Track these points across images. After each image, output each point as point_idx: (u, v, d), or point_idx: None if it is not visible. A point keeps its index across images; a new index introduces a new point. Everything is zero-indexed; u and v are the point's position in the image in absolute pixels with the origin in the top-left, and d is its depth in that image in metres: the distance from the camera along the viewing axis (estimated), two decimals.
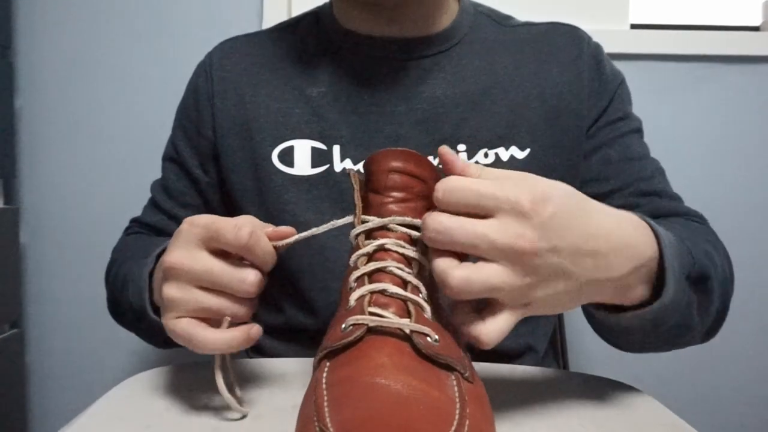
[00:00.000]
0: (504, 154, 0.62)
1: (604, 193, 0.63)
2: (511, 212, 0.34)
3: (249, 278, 0.40)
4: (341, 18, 0.67)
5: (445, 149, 0.38)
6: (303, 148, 0.64)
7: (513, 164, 0.62)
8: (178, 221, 0.64)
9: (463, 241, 0.35)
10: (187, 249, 0.41)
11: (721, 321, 0.53)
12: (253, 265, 0.41)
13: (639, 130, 0.68)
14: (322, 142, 0.64)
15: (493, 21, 0.69)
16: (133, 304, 0.53)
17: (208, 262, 0.40)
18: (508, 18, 0.71)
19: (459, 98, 0.63)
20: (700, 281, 0.47)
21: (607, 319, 0.45)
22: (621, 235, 0.39)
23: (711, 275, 0.49)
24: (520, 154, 0.62)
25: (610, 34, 1.07)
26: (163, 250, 0.49)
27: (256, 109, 0.65)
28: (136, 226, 0.71)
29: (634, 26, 1.14)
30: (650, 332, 0.46)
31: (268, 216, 0.63)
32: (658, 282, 0.43)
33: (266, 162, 0.64)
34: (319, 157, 0.63)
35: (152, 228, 0.70)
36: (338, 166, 0.63)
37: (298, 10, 1.11)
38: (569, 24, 0.69)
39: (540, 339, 0.69)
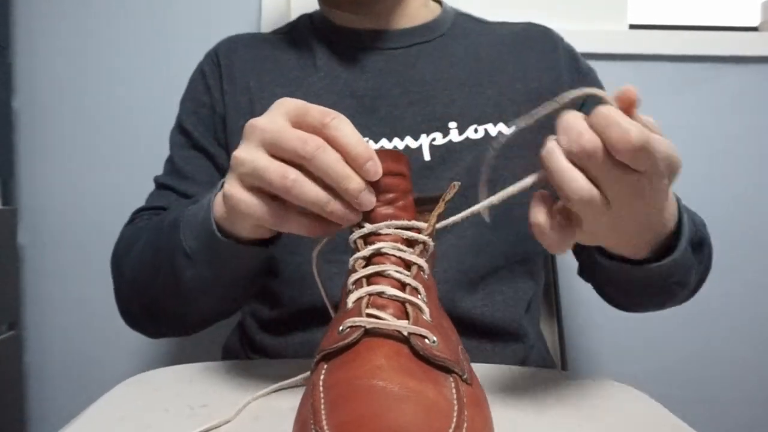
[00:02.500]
0: (492, 129, 0.67)
1: None
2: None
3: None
4: (330, 16, 0.74)
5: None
6: None
7: (501, 139, 0.66)
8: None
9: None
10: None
11: (702, 282, 0.64)
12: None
13: None
14: None
15: (473, 20, 0.77)
16: (187, 248, 0.51)
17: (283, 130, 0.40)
18: (483, 20, 0.78)
19: (447, 81, 0.69)
20: (699, 246, 0.56)
21: (625, 270, 0.48)
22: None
23: (707, 242, 0.60)
24: (507, 131, 0.67)
25: (608, 35, 1.07)
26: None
27: (260, 93, 0.69)
28: (147, 213, 0.69)
29: (632, 27, 1.14)
30: (654, 285, 0.52)
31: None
32: (668, 241, 0.47)
33: None
34: None
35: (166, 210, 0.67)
36: None
37: (297, 10, 1.11)
38: (543, 25, 0.76)
39: (528, 324, 0.70)
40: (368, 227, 0.40)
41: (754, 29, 1.16)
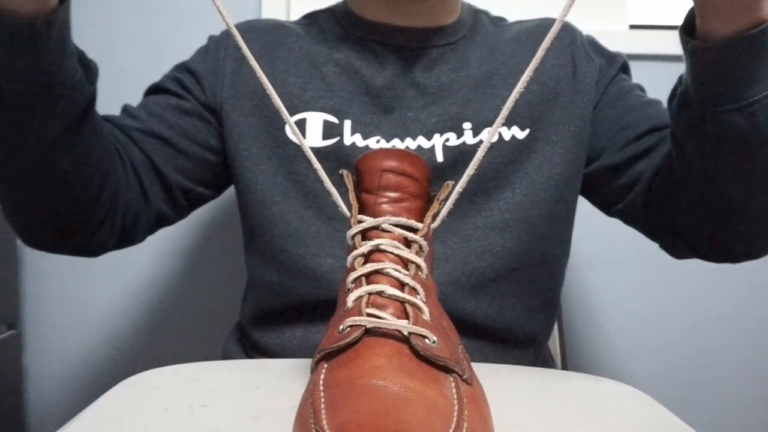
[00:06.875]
0: (506, 133, 0.67)
1: (640, 134, 0.67)
2: None
3: None
4: (357, 8, 0.72)
5: None
6: (315, 120, 0.67)
7: (514, 143, 0.67)
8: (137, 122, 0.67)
9: None
10: None
11: None
12: None
13: (643, 90, 0.73)
14: (334, 116, 0.67)
15: (490, 20, 0.76)
16: None
17: None
18: (502, 19, 0.78)
19: (463, 81, 0.69)
20: None
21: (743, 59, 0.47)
22: None
23: None
24: (521, 134, 0.67)
25: (608, 35, 1.07)
26: None
27: (271, 81, 0.68)
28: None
29: (632, 27, 1.14)
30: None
31: (281, 182, 0.67)
32: None
33: (279, 132, 0.67)
34: (330, 130, 0.66)
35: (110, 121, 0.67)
36: (348, 140, 0.66)
37: (296, 9, 1.10)
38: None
39: (542, 329, 0.70)
40: (367, 221, 0.40)
41: None
